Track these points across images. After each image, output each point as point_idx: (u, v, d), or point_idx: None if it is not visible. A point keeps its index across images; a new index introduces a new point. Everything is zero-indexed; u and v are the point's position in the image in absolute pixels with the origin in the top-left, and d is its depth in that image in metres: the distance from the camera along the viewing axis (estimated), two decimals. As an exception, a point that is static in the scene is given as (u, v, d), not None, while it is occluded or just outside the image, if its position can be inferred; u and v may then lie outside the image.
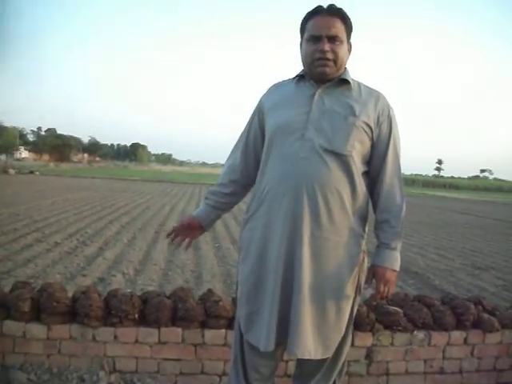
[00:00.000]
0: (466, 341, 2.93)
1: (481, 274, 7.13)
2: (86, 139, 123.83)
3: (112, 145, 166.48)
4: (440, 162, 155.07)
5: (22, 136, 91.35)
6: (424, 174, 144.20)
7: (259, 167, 1.97)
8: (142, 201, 16.57)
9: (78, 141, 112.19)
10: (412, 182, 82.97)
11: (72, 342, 2.65)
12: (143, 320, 2.70)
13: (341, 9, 1.83)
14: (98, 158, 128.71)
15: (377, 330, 2.81)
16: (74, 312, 2.68)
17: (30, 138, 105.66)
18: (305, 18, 1.88)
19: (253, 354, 1.94)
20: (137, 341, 2.67)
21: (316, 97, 1.84)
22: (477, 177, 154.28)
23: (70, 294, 2.80)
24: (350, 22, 1.87)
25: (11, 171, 36.17)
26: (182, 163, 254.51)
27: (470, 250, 9.47)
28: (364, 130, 1.82)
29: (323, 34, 1.79)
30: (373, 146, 1.87)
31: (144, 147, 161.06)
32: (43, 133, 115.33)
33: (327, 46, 1.79)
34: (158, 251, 7.20)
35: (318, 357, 1.82)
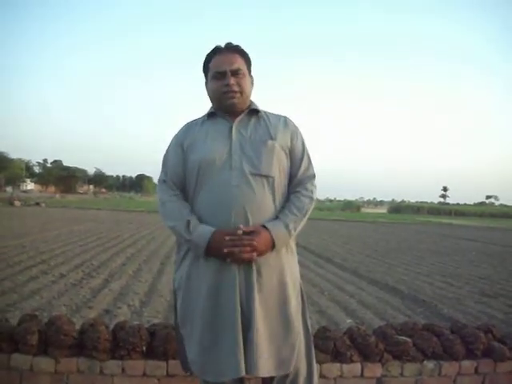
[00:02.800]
0: (476, 370, 2.90)
1: (489, 301, 7.05)
2: (91, 171, 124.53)
3: (117, 176, 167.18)
4: (445, 188, 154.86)
5: (28, 168, 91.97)
6: (429, 202, 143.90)
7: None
8: (148, 232, 16.54)
9: (83, 172, 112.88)
10: (417, 209, 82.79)
11: (79, 375, 2.64)
12: (151, 352, 2.69)
13: (238, 45, 2.04)
14: (103, 190, 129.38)
15: (386, 360, 2.79)
16: (82, 345, 2.67)
17: (36, 169, 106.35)
18: (206, 59, 2.05)
19: None
20: (144, 374, 2.65)
21: (234, 129, 2.00)
22: (483, 203, 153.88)
23: (76, 327, 2.80)
24: (249, 57, 2.07)
25: (17, 203, 36.36)
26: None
27: (477, 277, 9.39)
28: (282, 149, 2.01)
29: (227, 68, 1.96)
30: (290, 162, 2.06)
31: (149, 178, 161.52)
32: (49, 165, 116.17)
33: (232, 80, 1.96)
34: (163, 283, 7.17)
35: (273, 373, 1.89)
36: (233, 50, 2.02)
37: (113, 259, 9.41)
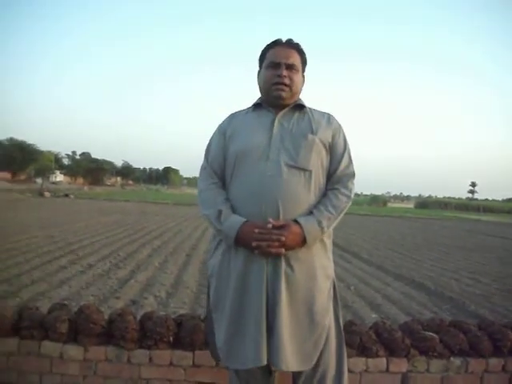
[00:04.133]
0: (504, 368, 2.86)
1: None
2: (119, 163, 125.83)
3: (144, 169, 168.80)
4: (474, 184, 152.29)
5: (57, 160, 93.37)
6: (457, 197, 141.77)
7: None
8: (174, 224, 16.68)
9: (111, 165, 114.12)
10: (445, 205, 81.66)
11: (107, 363, 2.68)
12: (178, 343, 2.72)
13: (298, 43, 2.08)
14: (130, 182, 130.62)
15: (412, 355, 2.77)
16: (110, 334, 2.71)
17: (65, 161, 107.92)
18: (265, 48, 2.10)
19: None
20: (171, 363, 2.68)
21: (276, 121, 2.02)
22: (511, 200, 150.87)
23: (104, 316, 2.84)
24: (305, 56, 2.11)
25: (47, 194, 36.99)
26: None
27: (505, 275, 9.25)
28: (323, 144, 2.01)
29: (282, 61, 2.00)
30: (330, 158, 2.06)
31: (176, 171, 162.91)
32: (78, 157, 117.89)
33: (285, 72, 2.00)
34: (189, 274, 7.24)
35: (295, 368, 1.88)
36: (292, 45, 2.06)
37: (139, 251, 9.54)
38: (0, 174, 65.81)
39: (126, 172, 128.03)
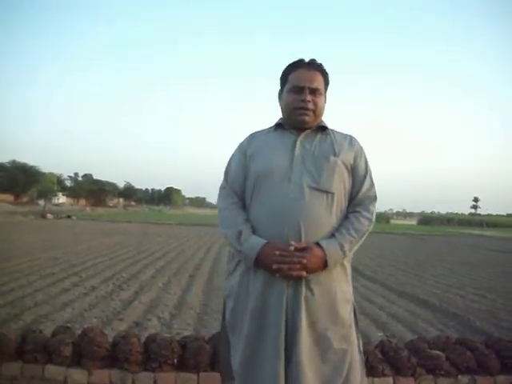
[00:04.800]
0: (512, 386, 2.83)
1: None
2: (121, 184, 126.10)
3: (146, 189, 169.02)
4: (476, 199, 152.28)
5: (59, 182, 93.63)
6: (460, 213, 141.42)
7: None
8: (177, 244, 16.64)
9: (113, 186, 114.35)
10: (447, 220, 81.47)
11: (112, 387, 2.66)
12: (182, 365, 2.70)
13: (321, 64, 2.03)
14: (132, 203, 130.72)
15: (419, 374, 2.75)
16: (114, 357, 2.70)
17: (68, 183, 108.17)
18: (287, 70, 2.05)
19: None
20: (176, 386, 2.66)
21: (298, 143, 1.99)
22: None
23: (109, 339, 2.83)
24: (328, 77, 2.07)
25: (49, 216, 37.03)
26: (216, 206, 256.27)
27: (511, 290, 9.18)
28: (345, 167, 1.98)
29: (306, 85, 1.97)
30: (352, 180, 2.03)
31: (178, 191, 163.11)
32: (80, 178, 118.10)
33: (309, 97, 1.96)
34: (193, 295, 7.20)
35: None
36: (315, 67, 2.02)
37: (143, 272, 9.50)
38: (3, 197, 65.90)
39: (128, 193, 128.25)
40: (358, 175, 2.03)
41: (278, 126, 2.09)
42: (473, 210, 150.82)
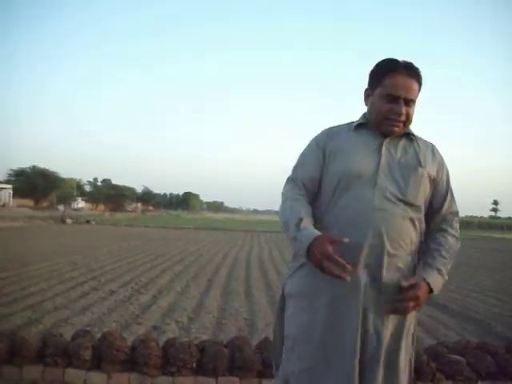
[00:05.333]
0: (534, 392, 2.78)
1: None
2: (139, 189, 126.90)
3: (165, 194, 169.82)
4: (496, 202, 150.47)
5: (79, 187, 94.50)
6: (480, 216, 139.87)
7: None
8: (195, 249, 16.69)
9: (131, 191, 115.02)
10: (467, 224, 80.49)
11: (131, 390, 2.67)
12: (201, 369, 2.70)
13: (418, 70, 1.83)
14: (151, 207, 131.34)
15: (438, 380, 2.72)
16: (134, 360, 2.71)
17: (87, 188, 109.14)
18: (382, 71, 1.84)
19: None
20: (194, 390, 2.66)
21: (384, 147, 1.83)
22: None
23: (128, 343, 2.84)
24: (422, 83, 1.86)
25: (69, 221, 37.36)
26: (233, 210, 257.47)
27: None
28: (429, 179, 1.85)
29: (402, 95, 1.79)
30: (434, 194, 1.90)
31: (196, 196, 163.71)
32: (99, 183, 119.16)
33: (404, 110, 1.79)
34: (210, 299, 7.21)
35: None
36: (413, 74, 1.81)
37: (161, 276, 9.55)
38: (23, 202, 66.74)
39: (147, 198, 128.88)
40: (441, 189, 1.92)
41: (360, 125, 1.92)
42: (493, 213, 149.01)
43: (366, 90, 1.93)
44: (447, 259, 1.83)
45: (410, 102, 1.81)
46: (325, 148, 1.89)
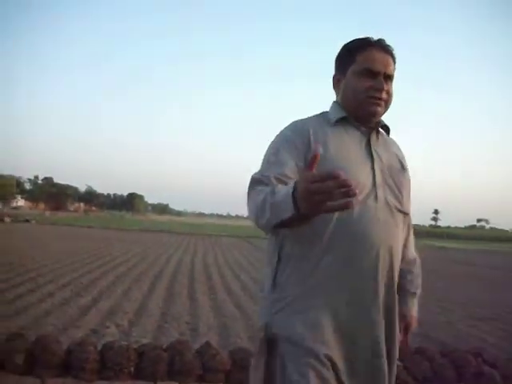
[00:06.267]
0: (467, 395, 2.87)
1: (481, 324, 7.05)
2: (82, 188, 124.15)
3: (108, 194, 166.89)
4: (436, 211, 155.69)
5: (18, 184, 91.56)
6: (421, 224, 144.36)
7: None
8: (138, 251, 16.48)
9: (74, 190, 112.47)
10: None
11: (65, 396, 2.59)
12: (139, 373, 2.65)
13: (392, 47, 1.60)
14: (94, 208, 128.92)
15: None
16: (69, 365, 2.63)
17: (27, 186, 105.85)
18: (354, 47, 1.59)
19: None
20: (132, 395, 2.61)
21: (372, 148, 1.57)
22: (473, 226, 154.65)
23: (63, 346, 2.76)
24: (396, 62, 1.63)
25: (7, 219, 36.12)
26: (178, 213, 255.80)
27: (469, 301, 9.38)
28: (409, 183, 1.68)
29: (382, 70, 1.54)
30: None
31: (141, 197, 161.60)
32: (40, 181, 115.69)
33: (385, 85, 1.55)
34: (153, 302, 7.11)
35: None
36: (388, 50, 1.58)
37: (102, 278, 9.34)
38: (-42, 199, 64.09)
39: (90, 197, 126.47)
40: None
41: (343, 119, 1.58)
42: (433, 222, 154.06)
43: (334, 76, 1.67)
44: (419, 276, 1.74)
45: (389, 80, 1.57)
46: (309, 146, 1.49)
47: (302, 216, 1.14)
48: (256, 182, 1.42)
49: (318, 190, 1.03)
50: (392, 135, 1.69)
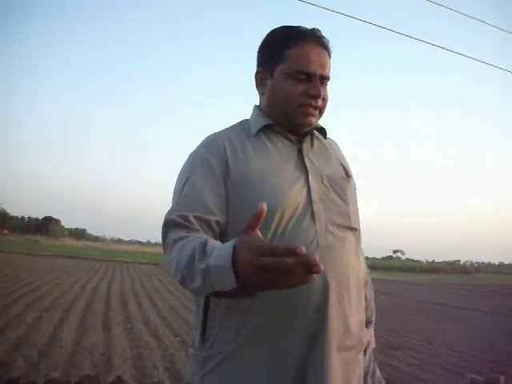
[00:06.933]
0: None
1: (396, 353, 7.26)
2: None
3: (22, 217, 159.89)
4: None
5: None
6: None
7: None
8: (52, 277, 15.88)
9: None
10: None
11: None
12: (44, 411, 2.51)
13: (328, 40, 1.32)
14: (6, 231, 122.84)
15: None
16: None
17: None
18: (283, 40, 1.29)
19: None
20: None
21: (305, 157, 1.31)
22: (390, 257, 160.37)
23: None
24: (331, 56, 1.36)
25: None
26: (96, 238, 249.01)
27: (385, 330, 9.65)
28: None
29: (317, 71, 1.27)
30: None
31: (57, 221, 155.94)
32: None
33: (322, 91, 1.28)
34: (65, 332, 6.87)
35: None
36: (324, 43, 1.30)
37: (11, 306, 8.87)
38: None
39: (2, 220, 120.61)
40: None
41: (267, 127, 1.32)
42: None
43: (257, 73, 1.37)
44: (372, 301, 1.53)
45: (324, 82, 1.31)
46: (227, 167, 1.23)
47: (246, 290, 0.90)
48: (172, 225, 1.15)
49: (271, 267, 0.81)
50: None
